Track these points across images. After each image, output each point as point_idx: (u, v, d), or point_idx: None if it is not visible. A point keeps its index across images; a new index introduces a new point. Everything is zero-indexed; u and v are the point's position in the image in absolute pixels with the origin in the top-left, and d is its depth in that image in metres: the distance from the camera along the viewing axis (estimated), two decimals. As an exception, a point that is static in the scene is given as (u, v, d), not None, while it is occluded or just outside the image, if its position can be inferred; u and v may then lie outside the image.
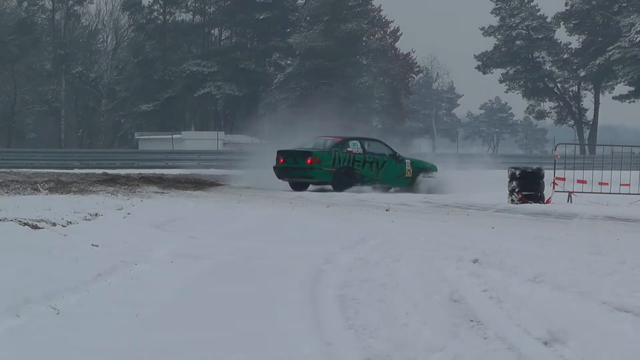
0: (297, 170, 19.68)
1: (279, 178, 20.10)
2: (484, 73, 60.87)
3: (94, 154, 42.82)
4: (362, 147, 20.11)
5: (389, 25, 61.10)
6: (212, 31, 62.82)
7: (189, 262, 6.59)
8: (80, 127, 60.70)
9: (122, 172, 27.87)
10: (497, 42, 59.50)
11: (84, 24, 63.01)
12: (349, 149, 19.83)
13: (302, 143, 21.12)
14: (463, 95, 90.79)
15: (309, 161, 19.44)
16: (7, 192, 14.33)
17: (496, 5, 59.10)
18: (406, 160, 20.52)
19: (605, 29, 55.89)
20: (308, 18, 55.38)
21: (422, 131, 79.70)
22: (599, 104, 58.44)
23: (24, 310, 4.51)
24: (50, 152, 43.55)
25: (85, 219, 9.57)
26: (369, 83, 53.93)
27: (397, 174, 20.15)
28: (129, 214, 10.54)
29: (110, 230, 8.50)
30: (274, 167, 20.16)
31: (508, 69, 59.71)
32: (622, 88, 56.56)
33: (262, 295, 5.29)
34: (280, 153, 20.15)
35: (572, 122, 60.25)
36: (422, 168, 20.65)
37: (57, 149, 50.21)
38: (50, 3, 58.67)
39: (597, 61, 53.79)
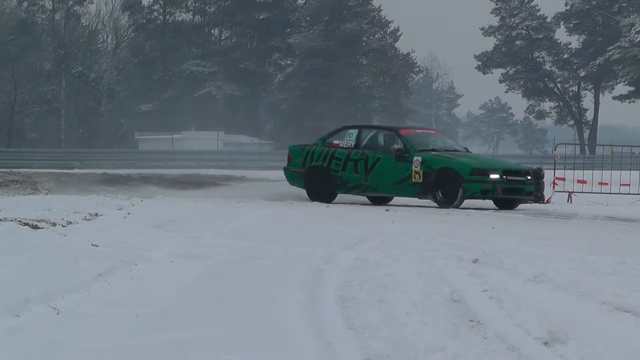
0: None
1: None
2: (484, 73, 60.79)
3: (94, 154, 42.83)
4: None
5: (389, 25, 61.05)
6: (212, 31, 62.82)
7: (189, 262, 6.59)
8: (80, 127, 60.63)
9: (122, 172, 27.81)
10: (497, 42, 59.42)
11: (84, 24, 62.98)
12: None
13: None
14: (463, 95, 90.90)
15: None
16: (7, 192, 14.32)
17: (496, 5, 59.02)
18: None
19: (605, 29, 55.83)
20: (308, 18, 55.37)
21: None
22: (599, 104, 58.40)
23: (24, 310, 4.50)
24: (50, 152, 43.59)
25: (85, 219, 9.56)
26: (369, 83, 53.91)
27: None
28: (129, 214, 10.53)
29: (110, 230, 8.49)
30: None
31: (508, 69, 59.65)
32: (622, 88, 56.54)
33: (262, 295, 5.29)
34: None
35: (572, 122, 60.18)
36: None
37: (57, 149, 50.20)
38: (50, 3, 58.66)
39: (597, 61, 53.74)
